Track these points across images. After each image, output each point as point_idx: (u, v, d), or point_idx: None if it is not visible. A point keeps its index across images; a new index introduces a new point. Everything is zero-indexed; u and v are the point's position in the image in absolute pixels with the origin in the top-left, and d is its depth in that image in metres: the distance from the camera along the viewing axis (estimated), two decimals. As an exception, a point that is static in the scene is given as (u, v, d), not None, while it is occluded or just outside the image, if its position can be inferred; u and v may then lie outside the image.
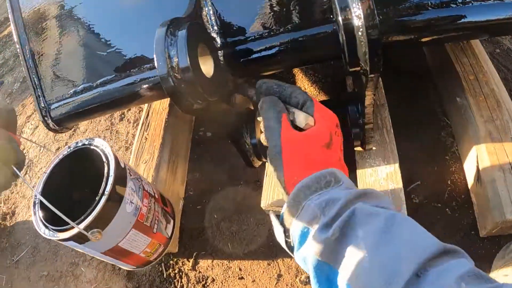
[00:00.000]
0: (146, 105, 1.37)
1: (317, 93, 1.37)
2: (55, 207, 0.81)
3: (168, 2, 1.03)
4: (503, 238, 0.99)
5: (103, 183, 0.87)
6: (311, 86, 1.40)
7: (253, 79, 0.74)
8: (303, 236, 0.47)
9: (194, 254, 1.16)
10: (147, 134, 1.28)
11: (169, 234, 1.09)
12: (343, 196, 0.46)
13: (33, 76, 1.15)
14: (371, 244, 0.41)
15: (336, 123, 0.59)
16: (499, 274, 0.86)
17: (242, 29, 0.95)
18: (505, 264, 0.90)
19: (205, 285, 1.11)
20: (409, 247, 0.39)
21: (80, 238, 0.87)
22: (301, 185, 0.49)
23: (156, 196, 1.06)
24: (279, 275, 1.06)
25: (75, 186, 0.99)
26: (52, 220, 0.87)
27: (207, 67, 0.83)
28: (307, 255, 0.46)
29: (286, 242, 0.51)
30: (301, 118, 0.57)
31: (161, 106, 1.34)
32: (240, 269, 1.10)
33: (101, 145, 0.96)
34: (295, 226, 0.48)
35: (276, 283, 1.05)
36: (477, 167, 0.96)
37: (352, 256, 0.41)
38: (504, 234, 0.98)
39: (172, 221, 1.11)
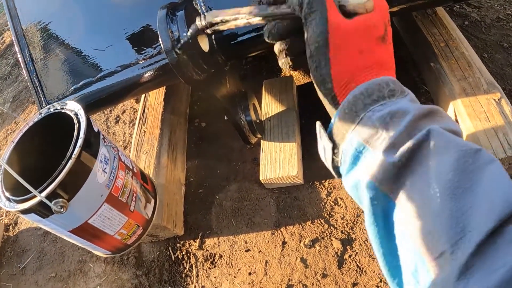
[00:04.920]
0: (141, 102, 1.43)
1: (302, 76, 1.45)
2: (23, 177, 0.71)
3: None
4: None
5: (71, 146, 0.76)
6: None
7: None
8: (357, 156, 0.39)
9: (200, 234, 1.21)
10: (145, 128, 1.34)
11: (149, 215, 0.98)
12: (411, 111, 0.37)
13: (34, 78, 1.20)
14: (446, 183, 0.33)
15: (387, 10, 0.46)
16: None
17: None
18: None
19: (213, 262, 1.15)
20: (489, 197, 0.32)
21: (42, 210, 0.76)
22: (359, 91, 0.40)
23: (135, 171, 0.96)
24: (284, 243, 1.11)
25: (50, 155, 0.84)
26: (20, 194, 0.77)
27: (203, 44, 0.91)
28: (361, 179, 0.38)
29: (333, 161, 0.43)
30: (355, 1, 0.43)
31: (156, 101, 1.40)
32: (245, 242, 1.15)
33: (74, 108, 0.86)
34: (349, 142, 0.40)
35: (281, 250, 1.10)
36: (456, 120, 1.05)
37: (418, 193, 0.34)
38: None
39: (153, 201, 1.00)
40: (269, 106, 1.30)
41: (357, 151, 0.39)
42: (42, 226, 0.83)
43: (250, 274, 1.09)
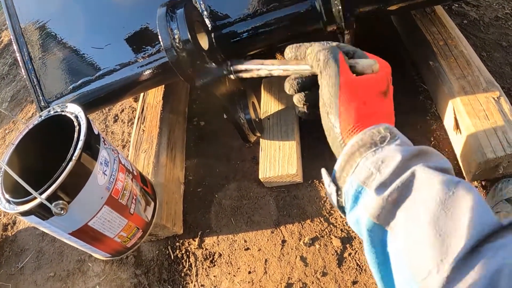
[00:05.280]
0: (140, 101, 1.43)
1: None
2: (23, 179, 0.70)
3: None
4: (489, 183, 1.06)
5: (72, 148, 0.76)
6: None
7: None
8: (357, 196, 0.45)
9: (199, 233, 1.21)
10: (144, 127, 1.34)
11: (149, 218, 0.99)
12: (400, 153, 0.43)
13: (32, 77, 1.20)
14: (430, 213, 0.39)
15: (390, 71, 0.55)
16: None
17: (228, 12, 1.03)
18: (495, 202, 0.98)
19: (213, 261, 1.15)
20: (468, 222, 0.37)
21: (42, 212, 0.76)
22: (355, 141, 0.46)
23: (135, 173, 0.97)
24: (284, 241, 1.11)
25: (50, 158, 0.84)
26: (20, 196, 0.77)
27: (202, 42, 0.91)
28: (360, 215, 0.44)
29: (338, 201, 0.49)
30: (365, 63, 0.52)
31: (155, 100, 1.40)
32: (245, 241, 1.15)
33: (75, 111, 0.87)
34: (349, 185, 0.46)
35: (281, 249, 1.10)
36: (455, 118, 1.05)
37: (408, 223, 0.40)
38: (489, 179, 1.06)
39: (152, 204, 1.01)
40: (269, 104, 1.30)
41: (357, 191, 0.45)
42: (42, 228, 0.82)
43: (249, 272, 1.09)
